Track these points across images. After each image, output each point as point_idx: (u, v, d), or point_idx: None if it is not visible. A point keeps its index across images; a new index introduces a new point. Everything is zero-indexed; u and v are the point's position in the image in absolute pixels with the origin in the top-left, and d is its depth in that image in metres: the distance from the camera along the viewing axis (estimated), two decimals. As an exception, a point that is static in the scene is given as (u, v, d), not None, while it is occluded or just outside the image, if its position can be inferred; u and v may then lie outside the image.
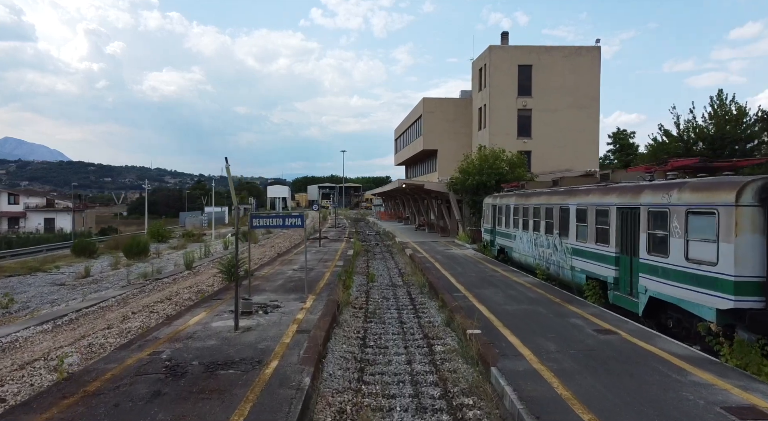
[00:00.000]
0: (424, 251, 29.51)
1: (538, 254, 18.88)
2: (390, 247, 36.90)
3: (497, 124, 41.44)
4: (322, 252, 29.52)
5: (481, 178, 33.63)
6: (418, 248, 31.88)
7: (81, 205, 76.03)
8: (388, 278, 22.47)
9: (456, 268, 22.03)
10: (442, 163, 47.19)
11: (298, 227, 15.69)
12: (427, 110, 47.24)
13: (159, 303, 16.92)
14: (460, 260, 25.08)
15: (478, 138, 45.01)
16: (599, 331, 11.01)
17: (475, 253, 28.03)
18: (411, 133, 54.63)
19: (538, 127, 41.55)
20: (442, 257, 26.59)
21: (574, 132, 41.31)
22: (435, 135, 47.08)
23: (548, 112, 41.42)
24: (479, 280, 18.58)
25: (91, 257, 32.48)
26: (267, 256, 32.00)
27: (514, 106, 41.55)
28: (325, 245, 34.02)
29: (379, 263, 27.70)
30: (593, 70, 41.49)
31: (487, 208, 27.57)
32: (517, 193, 22.61)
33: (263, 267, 23.10)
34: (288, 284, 18.11)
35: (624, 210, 12.56)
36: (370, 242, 41.19)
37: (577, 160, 40.67)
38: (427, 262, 24.42)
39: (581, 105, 41.37)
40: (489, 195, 29.15)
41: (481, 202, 34.40)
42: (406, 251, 29.93)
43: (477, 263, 23.72)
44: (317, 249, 31.27)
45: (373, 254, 32.92)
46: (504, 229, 23.71)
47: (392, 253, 33.14)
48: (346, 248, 32.54)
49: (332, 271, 21.59)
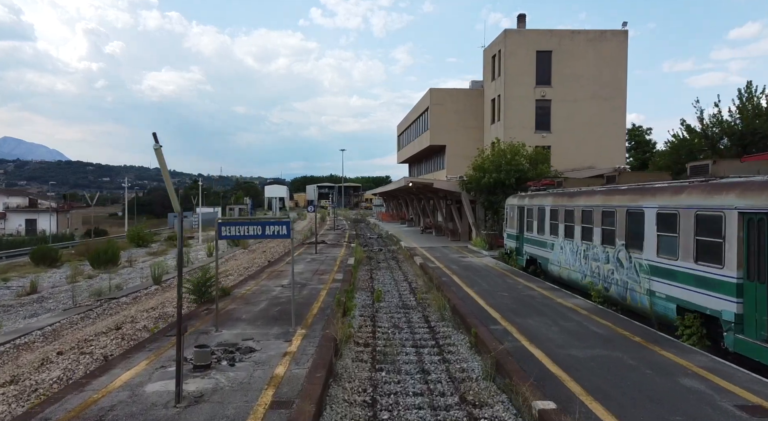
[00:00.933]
0: (436, 259, 25.57)
1: (589, 270, 14.93)
2: (395, 253, 32.96)
3: (513, 117, 37.51)
4: (318, 261, 25.56)
5: (498, 176, 29.70)
6: (428, 254, 27.94)
7: (66, 205, 72.00)
8: (398, 295, 18.52)
9: (479, 283, 18.09)
10: (451, 160, 43.25)
11: (283, 237, 11.75)
12: (434, 102, 43.30)
13: (102, 335, 12.98)
14: (482, 271, 21.14)
15: (490, 132, 41.07)
16: (745, 409, 7.05)
17: (496, 262, 24.09)
18: (416, 127, 50.66)
19: (558, 119, 37.62)
20: (458, 267, 22.65)
21: (598, 125, 37.39)
22: (443, 129, 43.13)
23: (569, 103, 37.49)
24: (515, 302, 14.63)
25: (52, 266, 28.46)
26: (255, 264, 28.05)
27: (531, 97, 37.61)
28: (323, 252, 30.08)
29: (385, 274, 23.78)
30: (619, 57, 37.56)
31: (510, 211, 23.64)
32: (555, 192, 18.68)
33: (246, 282, 19.15)
34: (272, 308, 14.16)
35: (756, 216, 8.61)
36: (372, 247, 37.25)
37: (600, 157, 36.75)
38: (442, 274, 20.48)
39: (606, 95, 37.43)
40: (512, 195, 25.23)
41: (497, 203, 30.50)
42: (415, 259, 25.99)
43: (503, 276, 19.77)
44: (313, 257, 27.31)
45: (377, 261, 28.99)
46: (536, 235, 19.77)
47: (398, 260, 29.20)
48: (346, 254, 28.60)
49: (329, 287, 17.64)
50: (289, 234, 11.69)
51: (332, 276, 20.29)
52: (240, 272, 25.14)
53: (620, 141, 37.92)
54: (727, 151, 37.97)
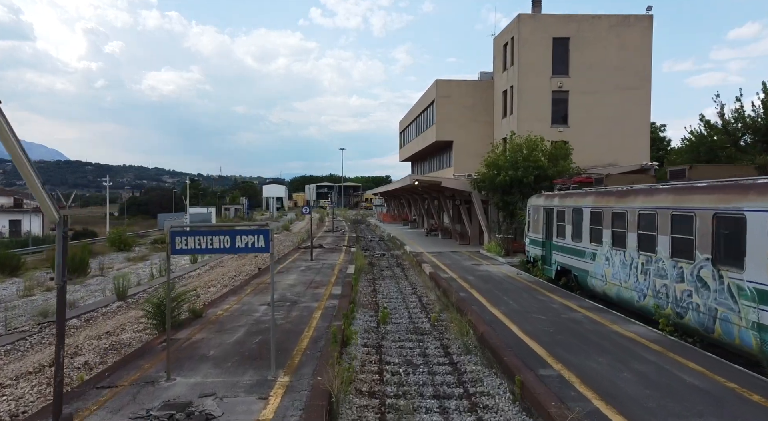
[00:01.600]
0: (447, 267, 22.54)
1: (650, 288, 11.88)
2: (400, 259, 29.92)
3: (527, 109, 34.45)
4: (313, 270, 22.50)
5: (515, 174, 26.64)
6: (437, 261, 24.91)
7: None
8: (407, 314, 15.48)
9: (505, 299, 15.05)
10: (459, 158, 40.21)
11: (259, 251, 8.72)
12: (441, 94, 40.22)
13: (23, 379, 9.88)
14: (503, 283, 18.09)
15: (501, 127, 38.03)
16: None
17: (517, 272, 21.03)
18: (420, 122, 47.57)
19: (576, 112, 34.57)
20: (474, 277, 19.61)
21: (620, 119, 34.34)
22: (450, 124, 40.07)
23: (589, 95, 34.44)
24: (558, 329, 11.58)
25: (13, 274, 25.31)
26: (243, 272, 25.00)
27: (547, 88, 34.57)
28: (319, 258, 27.02)
29: (390, 286, 20.74)
30: (644, 44, 34.52)
31: (534, 213, 20.59)
32: (597, 191, 15.62)
33: (226, 298, 16.09)
34: (251, 339, 11.10)
35: None
36: (374, 251, 34.21)
37: (623, 154, 33.71)
38: (457, 287, 17.45)
39: (629, 86, 34.38)
40: (534, 194, 22.19)
41: (514, 204, 27.46)
42: (424, 267, 22.96)
43: (530, 290, 16.73)
44: (308, 264, 24.25)
45: (380, 269, 25.95)
46: (569, 242, 16.72)
47: (404, 268, 26.16)
48: (346, 261, 25.55)
49: (325, 305, 14.60)
50: (268, 247, 8.64)
51: (329, 290, 17.24)
52: (224, 282, 22.10)
53: (644, 137, 34.87)
54: (750, 148, 35.06)
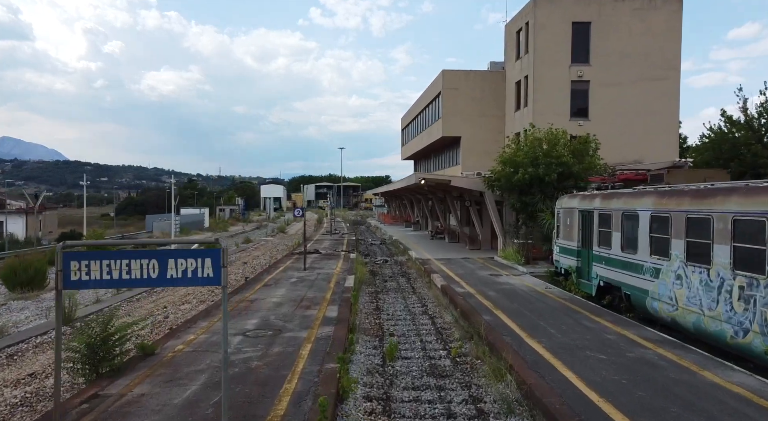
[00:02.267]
0: (460, 278, 19.44)
1: (761, 323, 8.74)
2: (404, 266, 26.80)
3: (544, 101, 31.36)
4: (306, 282, 19.35)
5: (535, 171, 23.54)
6: (448, 270, 21.80)
7: (38, 206, 65.66)
8: (419, 344, 12.36)
9: (544, 327, 11.94)
10: (467, 155, 37.09)
11: (205, 282, 5.60)
12: (447, 86, 37.08)
13: None
14: (534, 301, 14.98)
15: (514, 121, 34.93)
16: None
17: (545, 286, 17.91)
18: (425, 117, 44.39)
19: (597, 104, 31.48)
20: (496, 293, 16.50)
21: (646, 112, 31.27)
22: (458, 118, 36.94)
23: (612, 86, 31.35)
24: (634, 380, 8.45)
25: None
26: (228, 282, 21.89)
27: (566, 77, 31.47)
28: (314, 267, 23.89)
29: (396, 302, 17.63)
30: (672, 30, 31.42)
31: (566, 216, 17.46)
32: (659, 190, 12.48)
33: (195, 323, 12.95)
34: (208, 397, 7.95)
35: None
36: (375, 257, 31.11)
37: (649, 150, 30.62)
38: (478, 305, 14.36)
39: (656, 76, 31.30)
40: (566, 194, 19.08)
41: (533, 205, 24.35)
42: (434, 278, 19.86)
43: (570, 312, 13.61)
44: (300, 275, 21.10)
45: (383, 279, 22.84)
46: (619, 253, 13.60)
47: (410, 278, 23.05)
48: (344, 270, 22.42)
49: (316, 335, 11.48)
50: (219, 277, 5.53)
51: (323, 311, 14.11)
52: (202, 297, 18.98)
53: (672, 132, 31.77)
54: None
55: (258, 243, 42.35)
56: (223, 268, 5.53)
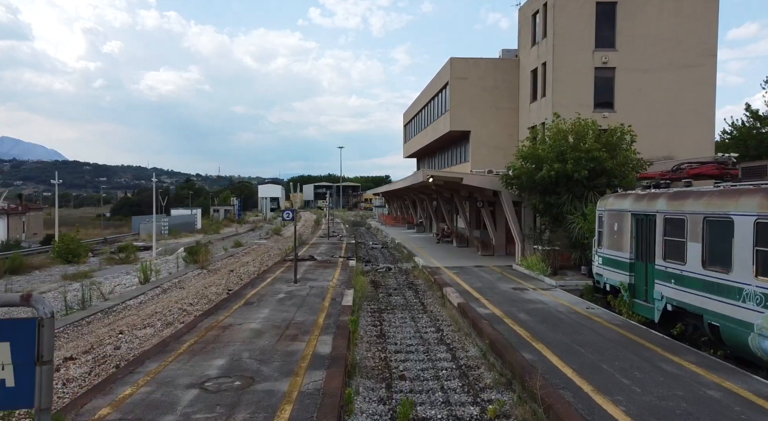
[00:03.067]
0: (481, 294, 16.26)
1: None
2: (411, 276, 23.62)
3: (564, 91, 28.19)
4: (295, 300, 16.12)
5: (563, 168, 20.39)
6: (462, 282, 18.62)
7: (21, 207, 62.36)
8: (441, 397, 9.20)
9: (610, 373, 8.76)
10: (477, 151, 33.91)
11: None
12: (456, 76, 33.88)
13: None
14: (582, 330, 11.80)
15: (530, 113, 31.76)
16: None
17: (586, 305, 14.73)
18: (430, 111, 41.15)
19: (624, 94, 28.33)
20: (529, 316, 13.32)
21: (678, 103, 28.13)
22: (467, 110, 33.74)
23: (640, 73, 28.21)
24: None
25: None
26: (206, 298, 18.66)
27: (589, 64, 28.31)
28: (307, 278, 20.68)
29: (404, 325, 14.46)
30: (707, 11, 28.27)
31: (613, 220, 14.29)
32: None
33: (141, 365, 9.75)
34: None
35: None
36: (377, 264, 27.94)
37: (681, 145, 27.47)
38: (513, 336, 11.15)
39: (689, 62, 28.15)
40: (612, 193, 15.89)
41: (560, 206, 21.21)
42: (448, 293, 16.69)
43: (637, 347, 10.42)
44: (289, 290, 17.88)
45: (387, 292, 19.68)
46: (700, 271, 10.42)
47: (418, 291, 19.88)
48: (341, 282, 19.20)
49: (300, 388, 8.28)
50: (26, 391, 2.30)
51: (312, 344, 10.92)
52: (170, 318, 15.76)
53: (707, 124, 28.58)
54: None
55: (249, 247, 39.15)
56: (41, 365, 2.34)
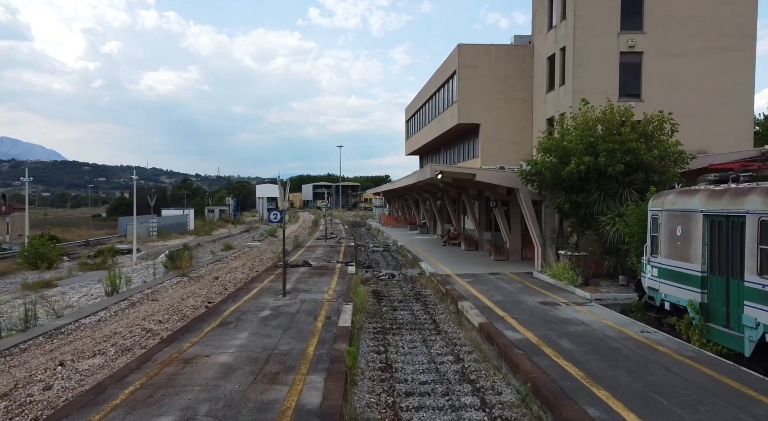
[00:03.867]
0: (504, 310, 13.50)
1: None
2: (418, 284, 20.84)
3: (586, 78, 25.44)
4: (282, 319, 13.31)
5: (595, 161, 17.65)
6: (479, 293, 15.83)
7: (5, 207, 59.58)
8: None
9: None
10: (487, 146, 31.14)
11: None
12: (464, 63, 31.10)
13: None
14: (650, 367, 9.04)
15: (546, 104, 29.00)
16: None
17: (640, 328, 11.97)
18: (435, 104, 38.33)
19: (652, 81, 25.59)
20: (573, 343, 10.55)
21: (714, 91, 25.41)
22: (476, 102, 30.97)
23: (671, 58, 25.48)
24: None
25: None
26: (179, 314, 15.86)
27: (614, 48, 25.56)
28: (298, 290, 17.90)
29: (414, 353, 11.69)
30: (745, -11, 25.52)
31: (675, 222, 11.52)
32: None
33: (76, 416, 6.98)
34: None
35: None
36: (379, 270, 25.18)
37: (716, 138, 24.74)
38: (564, 379, 8.37)
39: (726, 46, 25.41)
40: (671, 190, 13.14)
41: (588, 206, 18.47)
42: (466, 310, 13.92)
43: (738, 397, 7.66)
44: (276, 305, 15.06)
45: (391, 305, 16.89)
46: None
47: (427, 304, 17.10)
48: (338, 295, 16.41)
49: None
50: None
51: (296, 390, 8.13)
52: (128, 343, 12.96)
53: (746, 115, 25.83)
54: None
55: (241, 250, 36.34)
56: None
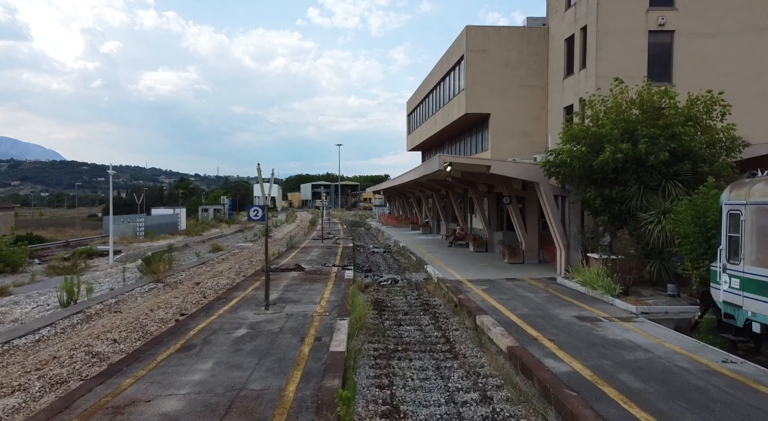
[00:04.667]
0: (534, 328, 10.85)
1: None
2: (425, 292, 18.19)
3: (610, 60, 22.81)
4: (260, 341, 10.63)
5: (633, 149, 15.05)
6: (499, 305, 13.18)
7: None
8: None
9: None
10: (498, 138, 28.47)
11: None
12: (473, 48, 28.46)
13: None
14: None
15: (564, 91, 26.36)
16: None
17: (714, 353, 9.34)
18: (440, 94, 35.64)
19: (685, 63, 22.97)
20: (640, 379, 7.90)
21: (753, 75, 22.74)
22: (486, 89, 28.32)
23: (705, 39, 22.86)
24: None
25: None
26: (142, 331, 13.20)
27: (642, 27, 22.93)
28: (285, 301, 15.25)
29: (427, 387, 9.06)
30: (789, -40, 22.89)
31: (764, 220, 8.86)
32: None
33: None
34: None
35: None
36: (379, 275, 22.55)
37: (755, 125, 22.01)
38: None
39: (766, 25, 22.76)
40: (758, 178, 10.51)
41: (623, 201, 15.89)
42: (486, 327, 11.28)
43: None
44: (255, 321, 12.37)
45: (395, 320, 14.25)
46: None
47: (437, 317, 14.46)
48: (332, 306, 13.76)
49: None
50: None
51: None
52: (62, 373, 10.30)
53: (789, 100, 23.19)
54: None
55: (230, 251, 33.69)
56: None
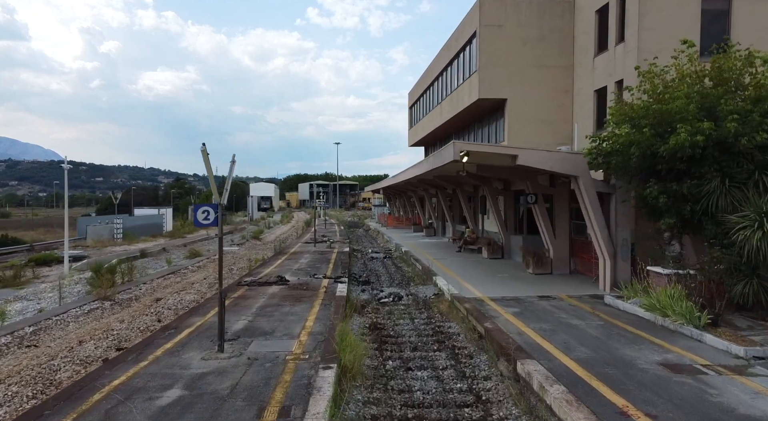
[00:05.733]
0: (612, 388, 6.91)
1: None
2: (434, 311, 14.37)
3: (656, 31, 19.01)
4: (195, 411, 6.80)
5: (715, 130, 11.25)
6: (546, 342, 9.31)
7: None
8: None
9: None
10: (516, 127, 24.62)
11: None
12: (487, 22, 24.65)
13: None
14: None
15: (594, 71, 22.54)
16: None
17: None
18: (447, 80, 31.62)
19: (745, 32, 19.20)
20: None
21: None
22: (502, 71, 24.51)
23: (766, 2, 19.08)
24: None
25: None
26: (47, 382, 9.40)
27: (693, -9, 19.13)
28: (256, 327, 11.38)
29: None
30: None
31: None
32: None
33: None
34: None
35: None
36: (380, 288, 18.73)
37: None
38: None
39: (843, -15, 18.99)
40: None
41: (698, 199, 12.10)
42: (537, 384, 7.44)
43: None
44: (200, 371, 8.53)
45: (401, 360, 10.43)
46: None
47: (460, 358, 10.63)
48: (316, 343, 9.94)
49: None
50: None
51: None
52: None
53: None
54: None
55: (210, 257, 29.84)
56: None
